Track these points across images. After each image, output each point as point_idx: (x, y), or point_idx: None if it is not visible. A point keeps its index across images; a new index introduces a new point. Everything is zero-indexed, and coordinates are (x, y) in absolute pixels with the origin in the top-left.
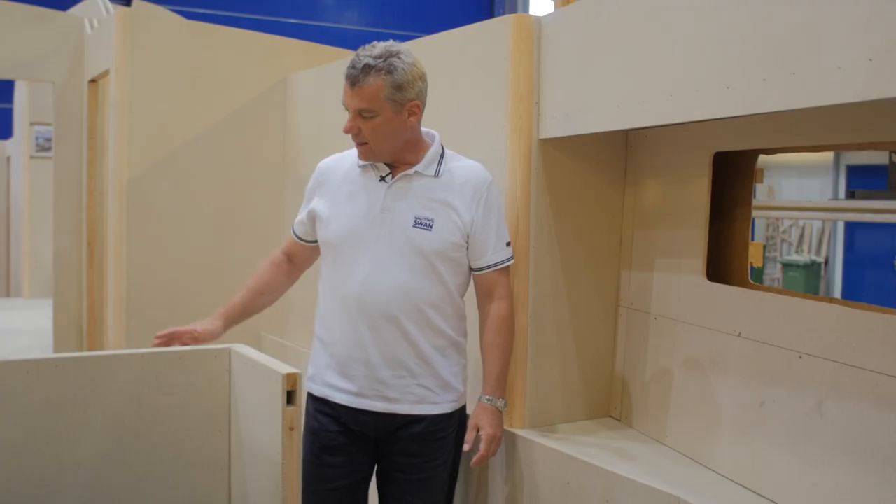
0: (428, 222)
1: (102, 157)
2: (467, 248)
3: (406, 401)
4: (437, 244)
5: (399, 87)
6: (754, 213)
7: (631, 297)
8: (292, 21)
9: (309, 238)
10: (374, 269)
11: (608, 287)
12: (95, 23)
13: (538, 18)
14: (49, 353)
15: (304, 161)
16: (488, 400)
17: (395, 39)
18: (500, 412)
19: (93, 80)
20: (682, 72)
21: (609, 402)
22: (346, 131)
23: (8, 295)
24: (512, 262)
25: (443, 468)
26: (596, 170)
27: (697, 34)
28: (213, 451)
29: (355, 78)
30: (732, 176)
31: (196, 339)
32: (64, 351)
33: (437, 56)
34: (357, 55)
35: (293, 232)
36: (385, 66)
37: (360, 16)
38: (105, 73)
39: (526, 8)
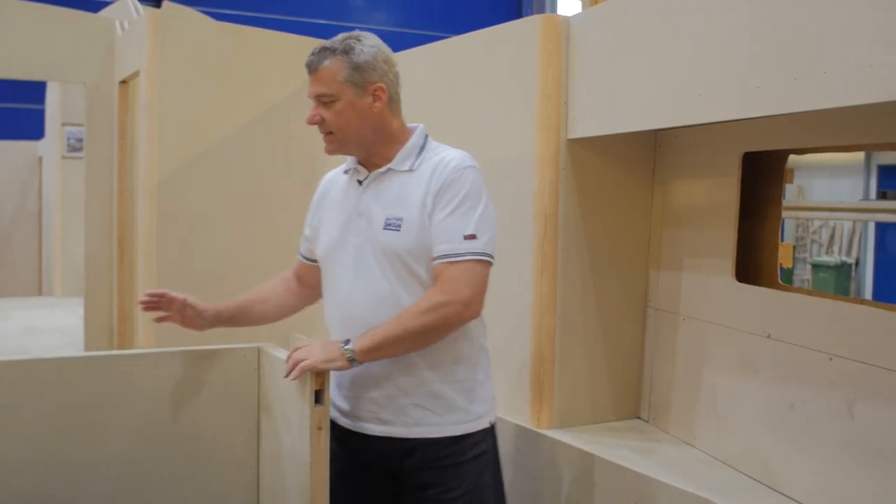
0: (397, 222)
1: (133, 157)
2: None
3: (401, 423)
4: (406, 244)
5: (357, 68)
6: (784, 214)
7: (659, 298)
8: (321, 22)
9: (312, 256)
10: (354, 279)
11: (636, 287)
12: (126, 24)
13: (566, 18)
14: (80, 352)
15: (333, 162)
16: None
17: (425, 40)
18: (338, 350)
19: (123, 81)
20: (712, 71)
21: (637, 404)
22: (309, 121)
23: (40, 294)
24: (472, 258)
25: (466, 500)
26: (624, 170)
27: (727, 34)
28: (241, 450)
29: (311, 63)
30: (762, 176)
31: (184, 316)
32: (95, 349)
33: (465, 56)
34: (317, 46)
35: (299, 251)
36: (342, 47)
37: (389, 16)
38: (135, 74)
39: (554, 8)
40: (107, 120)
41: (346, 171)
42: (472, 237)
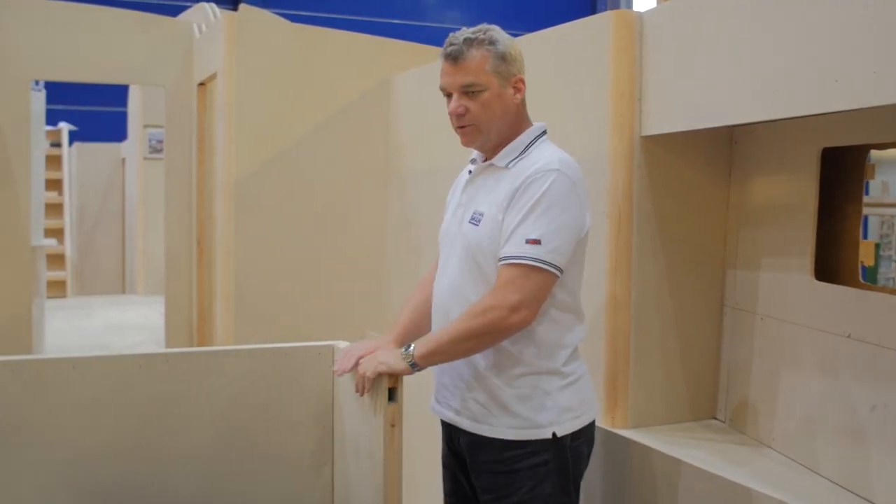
0: (479, 217)
1: (211, 157)
2: None
3: (466, 415)
4: (479, 239)
5: (503, 59)
6: (867, 211)
7: (736, 297)
8: (395, 22)
9: None
10: (443, 269)
11: (713, 286)
12: (203, 27)
13: (639, 14)
14: (160, 349)
15: (407, 161)
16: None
17: None
18: (400, 355)
19: (201, 83)
20: (788, 65)
21: (713, 404)
22: (452, 111)
23: (123, 292)
24: (530, 263)
25: None
26: (700, 166)
27: (803, 27)
28: (317, 447)
29: (458, 52)
30: (842, 172)
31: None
32: (176, 346)
33: (537, 53)
34: (452, 36)
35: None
36: (486, 38)
37: (462, 14)
38: (213, 76)
39: (629, 4)
40: (186, 121)
41: (472, 162)
42: (536, 242)
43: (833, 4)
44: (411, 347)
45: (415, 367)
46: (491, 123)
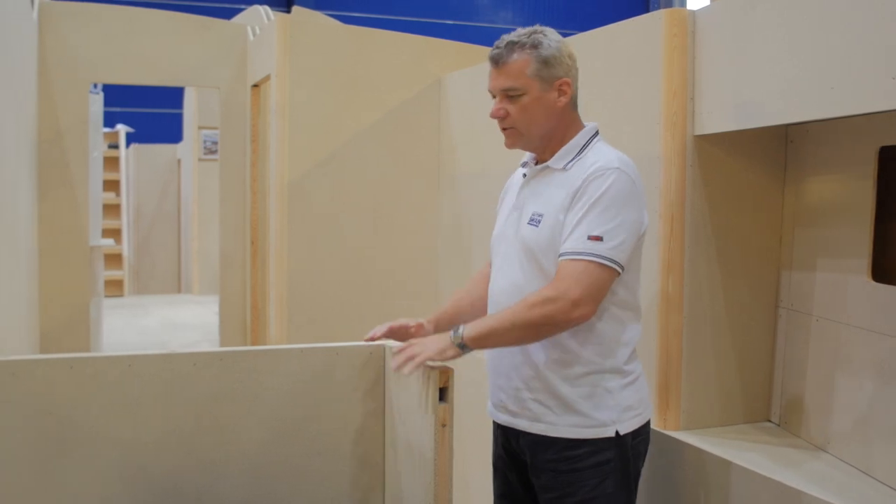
0: (538, 218)
1: (265, 158)
2: None
3: (524, 416)
4: (540, 240)
5: (546, 63)
6: None
7: (791, 298)
8: (448, 22)
9: None
10: (500, 270)
11: (767, 287)
12: (257, 30)
13: (692, 12)
14: (215, 347)
15: (458, 161)
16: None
17: None
18: (449, 339)
19: (255, 85)
20: (844, 63)
21: (767, 406)
22: (493, 115)
23: (179, 291)
24: (592, 259)
25: None
26: (754, 166)
27: (859, 24)
28: (368, 447)
29: (499, 56)
30: None
31: (409, 333)
32: (230, 345)
33: (589, 52)
34: (500, 38)
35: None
36: (530, 41)
37: (515, 15)
38: (266, 78)
39: (682, 3)
40: (240, 123)
41: (523, 165)
42: (598, 239)
43: (887, 1)
44: (461, 329)
45: (463, 347)
46: (531, 127)
